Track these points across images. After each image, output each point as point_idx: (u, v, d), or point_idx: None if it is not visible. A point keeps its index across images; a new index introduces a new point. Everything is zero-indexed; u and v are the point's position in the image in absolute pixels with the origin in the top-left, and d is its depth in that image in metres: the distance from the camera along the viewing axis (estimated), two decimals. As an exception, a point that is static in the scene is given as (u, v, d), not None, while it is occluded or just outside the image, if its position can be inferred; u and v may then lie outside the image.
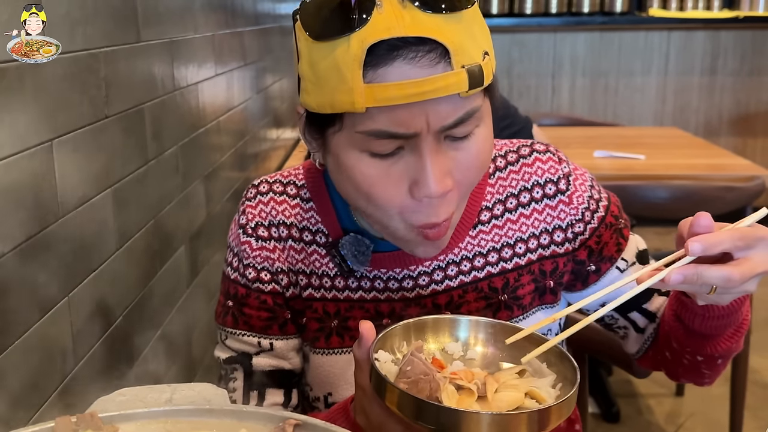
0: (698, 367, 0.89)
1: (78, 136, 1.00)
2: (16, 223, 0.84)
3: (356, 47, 0.68)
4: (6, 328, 0.81)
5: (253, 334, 0.90)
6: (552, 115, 3.59)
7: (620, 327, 0.95)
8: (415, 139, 0.71)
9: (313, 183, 0.91)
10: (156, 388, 0.62)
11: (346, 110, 0.71)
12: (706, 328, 0.82)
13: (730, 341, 0.85)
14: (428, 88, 0.69)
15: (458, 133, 0.73)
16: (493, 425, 0.60)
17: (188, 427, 0.60)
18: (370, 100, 0.69)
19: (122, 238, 1.16)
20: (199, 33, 1.64)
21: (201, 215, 1.64)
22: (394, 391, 0.63)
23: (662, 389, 2.64)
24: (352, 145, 0.74)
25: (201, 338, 1.63)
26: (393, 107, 0.69)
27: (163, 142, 1.37)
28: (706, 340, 0.84)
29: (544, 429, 0.62)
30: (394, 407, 0.64)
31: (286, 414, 0.59)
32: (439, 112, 0.70)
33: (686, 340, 0.85)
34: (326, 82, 0.71)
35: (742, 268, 0.67)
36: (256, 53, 2.34)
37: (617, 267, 0.91)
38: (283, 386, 0.91)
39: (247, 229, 0.90)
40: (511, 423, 0.61)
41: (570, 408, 0.64)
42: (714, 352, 0.85)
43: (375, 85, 0.69)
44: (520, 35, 4.17)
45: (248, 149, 2.21)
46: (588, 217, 0.89)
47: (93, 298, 1.04)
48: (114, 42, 1.13)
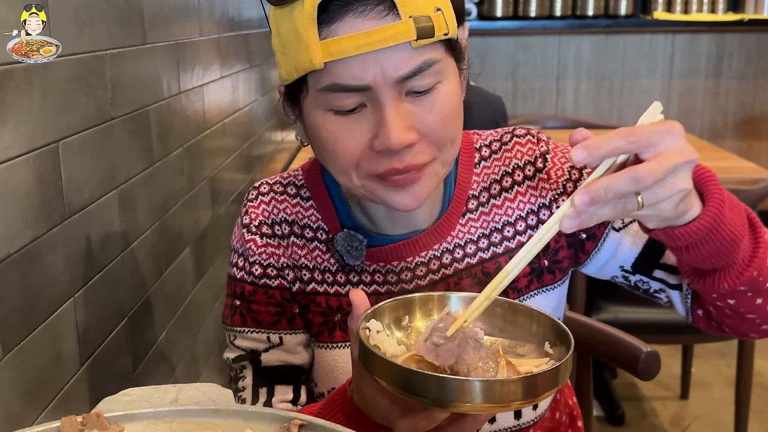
0: (740, 313, 0.80)
1: (84, 137, 1.00)
2: (23, 224, 0.84)
3: (309, 6, 0.74)
4: (13, 328, 0.82)
5: (261, 330, 0.92)
6: (557, 118, 3.58)
7: (657, 291, 0.90)
8: (375, 94, 0.75)
9: (312, 182, 0.94)
10: (161, 388, 0.62)
11: (307, 70, 0.76)
12: (701, 259, 0.72)
13: (744, 268, 0.74)
14: (377, 37, 0.73)
15: (418, 86, 0.76)
16: (484, 392, 0.58)
17: (194, 428, 0.60)
18: (326, 55, 0.74)
19: (128, 239, 1.17)
20: (204, 35, 1.65)
21: (206, 217, 1.65)
22: (379, 362, 0.62)
23: (667, 392, 2.63)
24: (317, 105, 0.78)
25: (206, 339, 1.63)
26: (348, 61, 0.73)
27: (169, 144, 1.37)
28: (718, 275, 0.74)
29: (538, 396, 0.60)
30: (382, 380, 0.63)
31: (291, 414, 0.59)
32: (393, 62, 0.74)
33: (702, 283, 0.77)
34: (289, 46, 0.77)
35: (650, 163, 0.60)
36: (261, 55, 2.35)
37: (613, 227, 0.89)
38: (291, 382, 0.92)
39: (251, 228, 0.92)
40: (505, 389, 0.59)
41: (564, 375, 0.62)
42: (733, 285, 0.74)
43: (329, 40, 0.74)
44: (525, 38, 4.16)
45: (253, 151, 2.21)
46: (570, 188, 0.90)
47: (99, 299, 1.04)
48: (120, 44, 1.13)
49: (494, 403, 0.59)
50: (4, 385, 0.80)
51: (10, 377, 0.81)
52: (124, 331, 1.14)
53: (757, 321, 0.81)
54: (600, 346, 1.25)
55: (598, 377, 2.43)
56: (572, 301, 2.04)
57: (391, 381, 0.61)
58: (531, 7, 4.07)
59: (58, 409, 0.91)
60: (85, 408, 0.60)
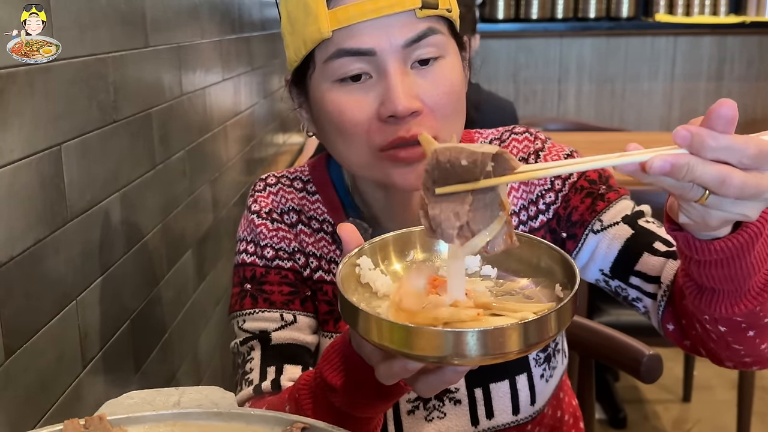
0: (726, 341, 0.76)
1: (86, 140, 1.00)
2: (25, 227, 0.84)
3: None
4: (15, 330, 0.82)
5: (274, 309, 0.91)
6: (558, 120, 3.58)
7: (635, 300, 0.89)
8: (380, 61, 0.78)
9: (318, 177, 0.96)
10: (164, 391, 0.62)
11: (316, 41, 0.80)
12: (710, 277, 0.67)
13: (749, 300, 0.69)
14: (383, 4, 0.77)
15: (422, 54, 0.79)
16: (454, 346, 0.55)
17: (196, 430, 0.60)
18: (333, 22, 0.78)
19: (130, 242, 1.17)
20: (206, 38, 1.65)
21: (208, 220, 1.65)
22: (350, 309, 0.59)
23: (669, 395, 2.63)
24: (323, 78, 0.81)
25: (208, 342, 1.63)
26: (354, 28, 0.78)
27: (171, 147, 1.37)
28: (719, 298, 0.70)
29: (539, 342, 0.57)
30: (354, 328, 0.60)
31: (293, 417, 0.59)
32: (398, 27, 0.78)
33: (698, 300, 0.71)
34: (297, 21, 0.81)
35: (746, 175, 0.54)
36: (263, 58, 2.35)
37: (592, 230, 0.88)
38: (300, 362, 0.90)
39: (261, 214, 0.94)
40: (499, 336, 0.55)
41: (563, 321, 0.58)
42: (731, 314, 0.70)
43: (337, 9, 0.78)
44: (527, 40, 4.17)
45: (255, 154, 2.21)
46: (558, 185, 0.91)
47: (101, 302, 1.04)
48: (122, 47, 1.14)
49: (460, 357, 0.56)
50: (7, 387, 0.80)
51: (13, 380, 0.81)
52: (127, 334, 1.14)
53: (742, 353, 0.77)
54: (602, 349, 1.24)
55: (600, 380, 2.42)
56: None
57: (362, 330, 0.59)
58: (532, 9, 4.07)
59: (60, 411, 0.91)
60: (88, 411, 0.60)
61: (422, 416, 0.94)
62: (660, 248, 0.85)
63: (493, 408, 0.93)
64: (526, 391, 0.94)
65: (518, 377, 0.93)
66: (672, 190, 0.58)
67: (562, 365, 1.00)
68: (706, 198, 0.56)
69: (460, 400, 0.94)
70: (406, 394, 0.93)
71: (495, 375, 0.93)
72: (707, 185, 0.55)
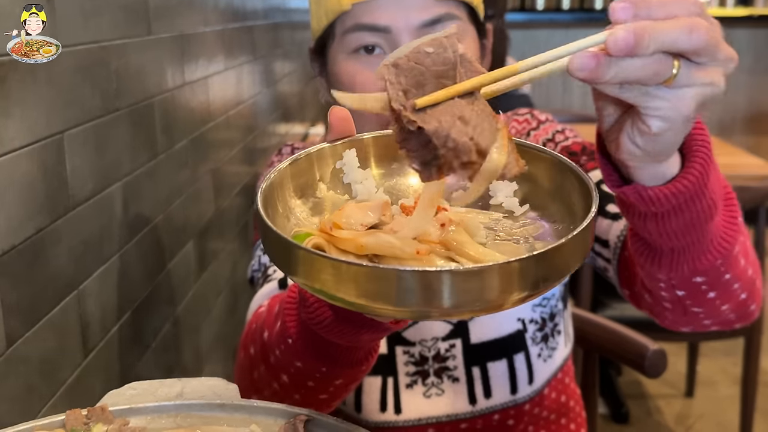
0: (684, 306, 0.71)
1: (88, 129, 0.99)
2: (27, 216, 0.84)
3: None
4: (16, 320, 0.81)
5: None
6: (563, 112, 3.57)
7: (603, 269, 0.88)
8: (394, 38, 0.83)
9: None
10: (166, 382, 0.62)
11: (336, 12, 0.85)
12: (669, 233, 0.61)
13: (713, 250, 0.64)
14: None
15: None
16: (421, 284, 0.42)
17: (199, 422, 0.59)
18: None
19: (132, 231, 1.16)
20: (209, 27, 1.64)
21: (210, 210, 1.64)
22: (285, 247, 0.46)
23: (672, 390, 2.63)
24: (341, 49, 0.87)
25: (210, 332, 1.63)
26: (373, 3, 0.83)
27: (173, 136, 1.36)
28: (679, 258, 0.64)
29: (538, 290, 0.45)
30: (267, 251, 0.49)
31: (296, 409, 0.59)
32: (415, 9, 0.83)
33: (656, 266, 0.65)
34: None
35: (709, 25, 0.49)
36: (266, 48, 2.34)
37: None
38: None
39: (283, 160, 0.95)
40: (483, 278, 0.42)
41: (571, 260, 0.46)
42: (693, 271, 0.64)
43: None
44: (532, 31, 4.15)
45: (257, 144, 2.20)
46: None
47: (102, 292, 1.04)
48: (125, 35, 1.13)
49: (407, 307, 0.44)
50: (8, 377, 0.80)
51: (14, 369, 0.81)
52: (129, 324, 1.14)
53: (701, 316, 0.72)
54: (606, 344, 1.24)
55: (602, 375, 2.42)
56: (578, 298, 2.03)
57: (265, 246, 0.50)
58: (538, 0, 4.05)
59: (62, 402, 0.90)
60: (90, 401, 0.60)
61: (420, 392, 0.95)
62: (611, 210, 0.86)
63: (490, 387, 0.95)
64: (524, 370, 0.96)
65: (516, 356, 0.95)
66: (638, 80, 0.49)
67: (564, 348, 1.01)
68: (677, 70, 0.49)
69: (458, 378, 0.95)
70: (405, 367, 0.95)
71: (492, 354, 0.95)
72: (677, 42, 0.48)
